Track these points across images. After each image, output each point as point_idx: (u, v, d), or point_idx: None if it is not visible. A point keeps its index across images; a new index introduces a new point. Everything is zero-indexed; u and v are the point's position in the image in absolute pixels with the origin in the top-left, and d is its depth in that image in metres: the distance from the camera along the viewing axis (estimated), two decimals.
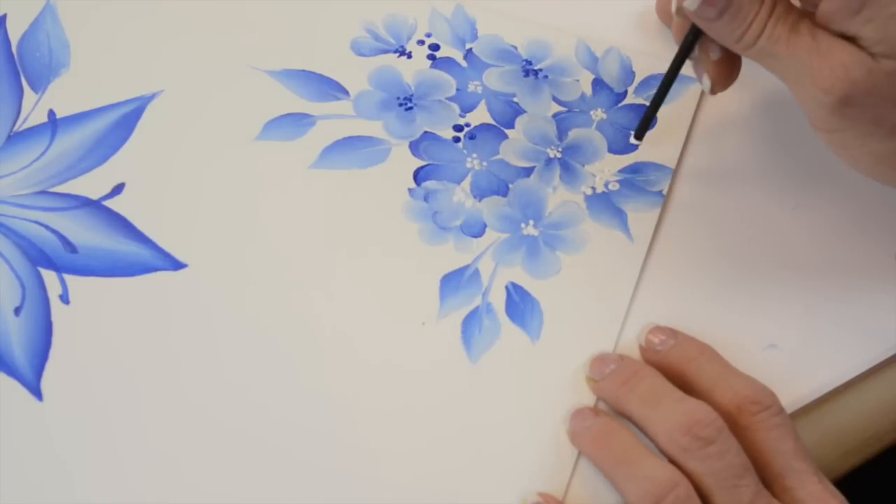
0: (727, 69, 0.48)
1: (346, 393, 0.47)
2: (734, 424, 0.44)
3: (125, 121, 0.53)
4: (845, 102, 0.42)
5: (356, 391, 0.47)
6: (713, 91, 0.48)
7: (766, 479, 0.44)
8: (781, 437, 0.44)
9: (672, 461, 0.43)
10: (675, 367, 0.47)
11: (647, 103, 0.55)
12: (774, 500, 0.43)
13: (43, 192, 0.50)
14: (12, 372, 0.45)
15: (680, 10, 0.46)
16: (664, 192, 0.53)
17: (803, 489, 0.43)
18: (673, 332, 0.48)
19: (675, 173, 0.53)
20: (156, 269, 0.49)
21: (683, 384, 0.46)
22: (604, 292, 0.50)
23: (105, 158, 0.51)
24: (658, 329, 0.48)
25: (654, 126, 0.54)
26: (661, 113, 0.54)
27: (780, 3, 0.43)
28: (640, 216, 0.52)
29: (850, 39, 0.42)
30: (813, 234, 0.53)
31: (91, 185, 0.51)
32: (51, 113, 0.52)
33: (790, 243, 0.52)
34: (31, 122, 0.52)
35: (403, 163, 0.53)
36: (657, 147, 0.54)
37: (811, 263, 0.52)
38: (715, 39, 0.45)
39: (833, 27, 0.42)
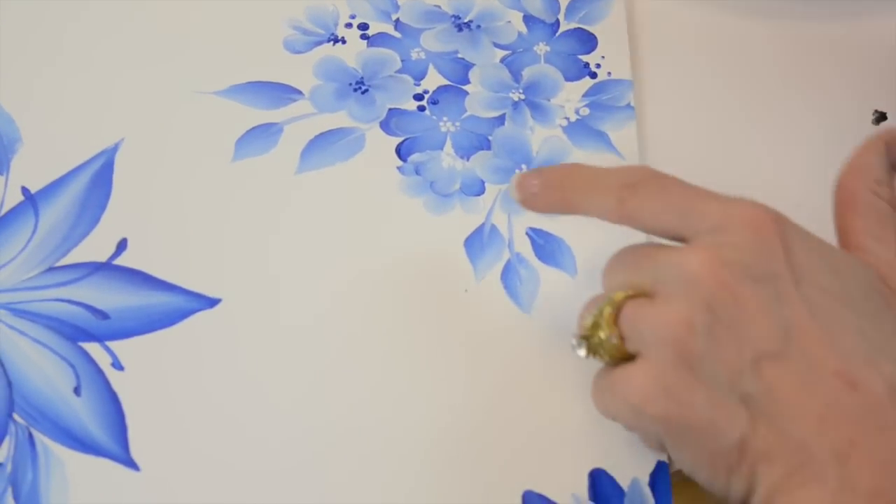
0: None
1: (415, 380, 0.47)
2: None
3: (100, 177, 0.52)
4: None
5: (426, 376, 0.47)
6: None
7: None
8: None
9: None
10: None
11: (582, 26, 0.57)
12: None
13: (50, 270, 0.48)
14: (100, 451, 0.44)
15: None
16: (632, 103, 0.55)
17: None
18: None
19: (634, 82, 0.55)
20: (193, 312, 0.48)
21: None
22: None
23: (97, 219, 0.50)
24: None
25: (596, 47, 0.56)
26: (599, 31, 0.56)
27: None
28: (621, 133, 0.54)
29: None
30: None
31: (94, 248, 0.49)
32: (24, 190, 0.51)
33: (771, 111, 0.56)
34: (8, 205, 0.50)
35: (382, 144, 0.54)
36: (608, 64, 0.56)
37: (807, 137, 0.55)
38: None
39: None
